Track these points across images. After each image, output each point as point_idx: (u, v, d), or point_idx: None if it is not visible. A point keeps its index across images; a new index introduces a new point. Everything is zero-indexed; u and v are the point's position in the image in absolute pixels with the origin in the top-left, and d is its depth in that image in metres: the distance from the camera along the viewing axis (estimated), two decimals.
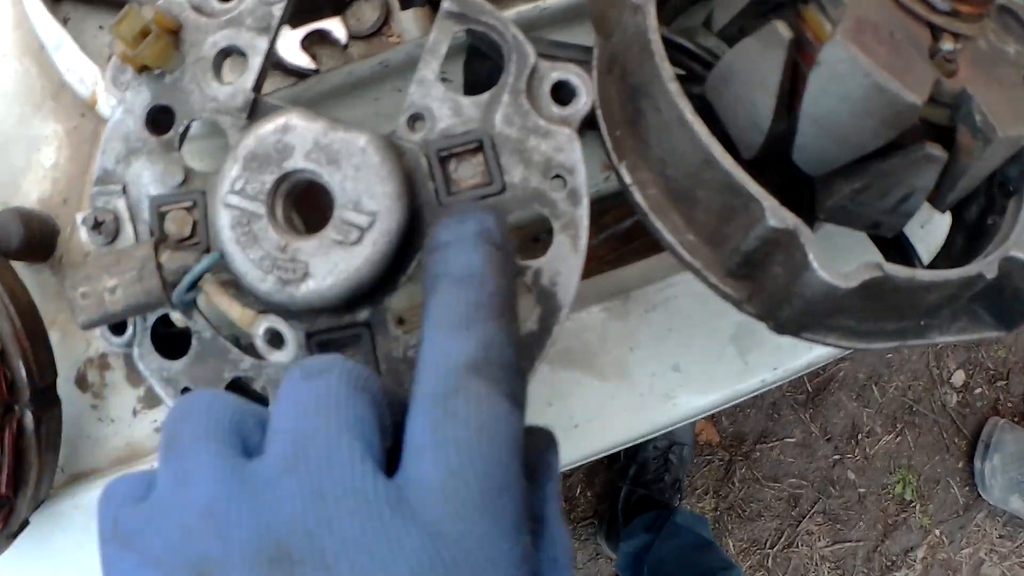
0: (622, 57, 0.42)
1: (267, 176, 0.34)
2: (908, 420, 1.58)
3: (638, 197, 0.40)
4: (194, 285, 0.35)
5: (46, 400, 0.51)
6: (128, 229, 0.38)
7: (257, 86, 0.38)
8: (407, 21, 0.56)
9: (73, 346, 0.56)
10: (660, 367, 0.49)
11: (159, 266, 0.34)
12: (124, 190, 0.38)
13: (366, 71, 0.48)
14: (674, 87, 0.38)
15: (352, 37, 0.56)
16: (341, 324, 0.36)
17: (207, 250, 0.37)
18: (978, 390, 1.59)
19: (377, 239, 0.33)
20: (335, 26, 0.55)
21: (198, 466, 0.23)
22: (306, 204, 0.37)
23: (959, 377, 1.59)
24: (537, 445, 0.29)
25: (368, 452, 0.23)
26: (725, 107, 0.41)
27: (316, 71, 0.54)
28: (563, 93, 0.37)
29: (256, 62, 0.38)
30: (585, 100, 0.37)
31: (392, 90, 0.51)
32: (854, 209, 0.42)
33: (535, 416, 0.35)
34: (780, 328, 0.40)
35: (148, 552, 0.22)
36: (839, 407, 1.57)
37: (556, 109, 0.37)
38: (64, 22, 0.56)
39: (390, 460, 0.24)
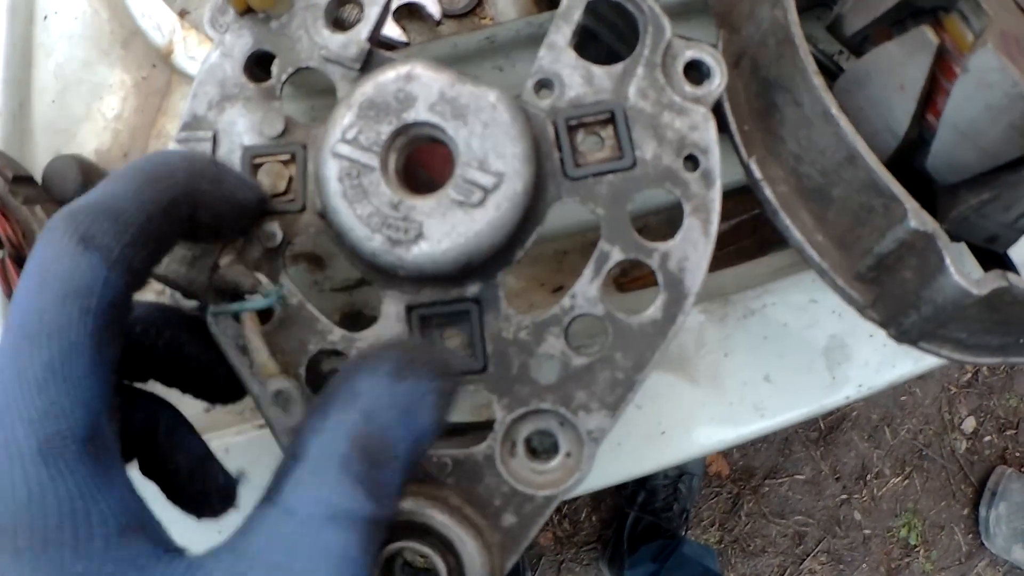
0: (753, 51, 0.41)
1: (384, 126, 0.32)
2: (917, 464, 1.59)
3: (768, 193, 0.39)
4: (236, 317, 0.32)
5: None
6: None
7: (372, 37, 0.37)
8: (503, 2, 0.55)
9: None
10: (752, 376, 0.48)
11: (215, 266, 0.32)
12: (215, 138, 0.36)
13: (472, 45, 0.47)
14: (819, 82, 0.37)
15: (444, 15, 0.56)
16: (447, 298, 0.34)
17: (303, 208, 0.35)
18: (987, 438, 1.61)
19: (501, 202, 0.31)
20: (429, 1, 0.54)
21: None
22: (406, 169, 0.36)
23: (970, 424, 1.61)
24: (353, 362, 0.26)
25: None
26: (856, 110, 0.41)
27: (406, 44, 0.54)
28: (697, 73, 0.36)
29: (374, 12, 0.36)
30: (719, 82, 0.36)
31: (492, 68, 0.50)
32: (977, 221, 0.42)
33: (621, 419, 0.33)
34: (901, 336, 0.40)
35: None
36: (850, 446, 1.58)
37: (689, 88, 0.35)
38: None
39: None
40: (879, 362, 0.52)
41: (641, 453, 0.48)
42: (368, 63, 0.35)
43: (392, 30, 0.54)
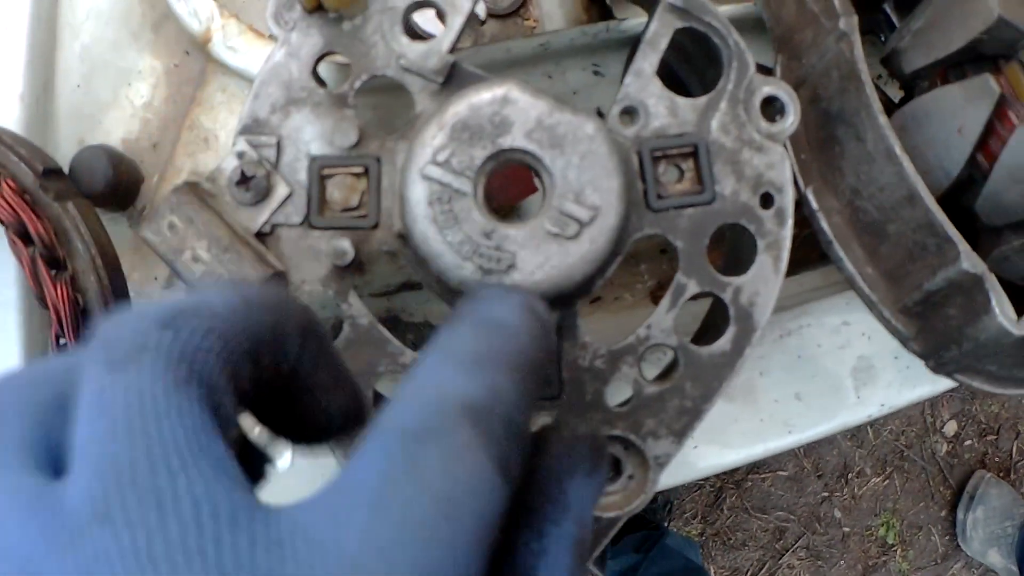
0: (815, 81, 0.43)
1: (478, 151, 0.33)
2: (898, 464, 1.66)
3: (824, 224, 0.42)
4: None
5: None
6: (281, 190, 0.35)
7: (452, 49, 0.36)
8: (550, 4, 0.56)
9: None
10: (784, 394, 0.51)
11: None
12: (279, 145, 0.35)
13: (526, 50, 0.49)
14: (884, 120, 0.40)
15: (489, 14, 0.57)
16: None
17: (375, 225, 0.35)
18: (968, 442, 1.68)
19: (596, 236, 0.33)
20: None
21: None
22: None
23: (951, 427, 1.68)
24: (551, 465, 0.23)
25: (218, 488, 0.17)
26: (911, 147, 0.43)
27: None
28: (772, 109, 0.37)
29: (457, 22, 0.35)
30: (792, 120, 0.37)
31: (542, 75, 0.51)
32: (1017, 261, 0.45)
33: None
34: (939, 368, 0.43)
35: None
36: (833, 444, 1.64)
37: (764, 124, 0.37)
38: None
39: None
40: (901, 383, 0.55)
41: (674, 467, 0.50)
42: (451, 77, 0.35)
43: (436, 26, 0.55)
